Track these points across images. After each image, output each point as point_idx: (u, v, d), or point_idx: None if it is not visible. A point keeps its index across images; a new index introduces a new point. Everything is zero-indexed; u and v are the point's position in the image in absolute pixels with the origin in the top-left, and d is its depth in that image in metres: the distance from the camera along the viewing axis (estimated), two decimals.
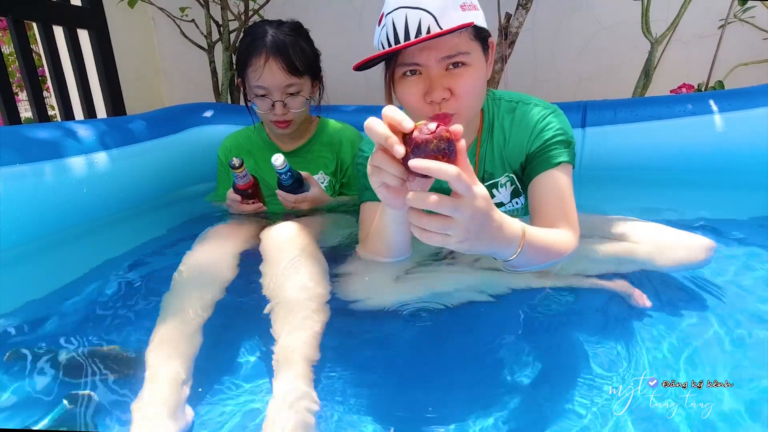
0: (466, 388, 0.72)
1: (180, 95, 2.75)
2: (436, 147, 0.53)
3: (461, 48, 0.78)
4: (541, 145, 0.91)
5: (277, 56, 1.09)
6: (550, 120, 0.92)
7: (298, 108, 1.15)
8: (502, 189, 0.99)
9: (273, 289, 0.76)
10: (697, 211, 1.32)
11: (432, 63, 0.78)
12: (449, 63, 0.78)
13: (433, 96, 0.78)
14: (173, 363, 0.68)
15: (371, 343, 0.83)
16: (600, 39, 2.34)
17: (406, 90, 0.81)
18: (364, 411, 0.66)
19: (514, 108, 0.95)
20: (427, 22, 0.75)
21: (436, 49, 0.77)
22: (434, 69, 0.78)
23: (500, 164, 0.97)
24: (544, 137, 0.91)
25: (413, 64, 0.79)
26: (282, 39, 1.11)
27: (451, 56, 0.77)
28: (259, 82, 1.11)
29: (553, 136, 0.90)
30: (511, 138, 0.95)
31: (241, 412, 0.67)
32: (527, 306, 0.89)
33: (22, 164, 1.11)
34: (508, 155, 0.96)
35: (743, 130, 1.45)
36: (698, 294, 0.89)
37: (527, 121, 0.93)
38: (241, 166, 1.06)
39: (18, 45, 1.65)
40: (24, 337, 0.85)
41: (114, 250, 1.21)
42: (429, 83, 0.79)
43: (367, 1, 2.46)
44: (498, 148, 0.96)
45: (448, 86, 0.78)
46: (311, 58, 1.17)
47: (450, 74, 0.79)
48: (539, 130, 0.92)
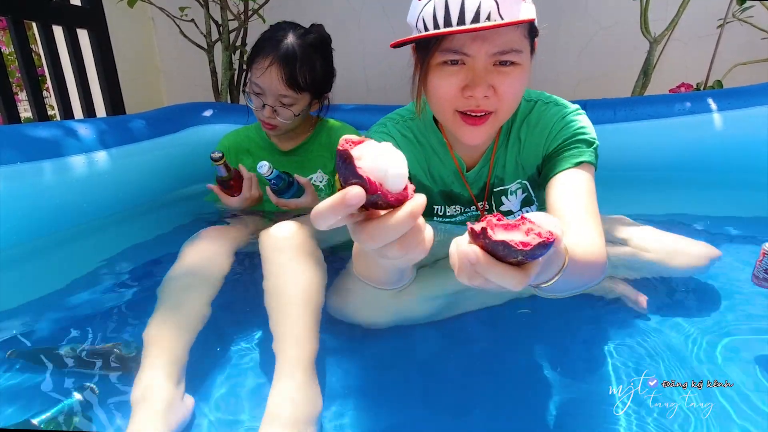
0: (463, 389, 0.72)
1: (179, 95, 2.74)
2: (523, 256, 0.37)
3: (515, 44, 0.70)
4: (560, 144, 0.82)
5: (281, 65, 1.08)
6: (570, 119, 0.83)
7: (285, 119, 1.14)
8: (511, 197, 0.92)
9: (271, 287, 0.76)
10: (695, 210, 1.32)
11: (482, 55, 0.69)
12: (498, 59, 0.70)
13: (475, 92, 0.70)
14: (169, 358, 0.68)
15: (371, 344, 0.82)
16: (599, 39, 2.34)
17: (443, 80, 0.72)
18: (363, 408, 0.66)
19: (532, 108, 0.87)
20: (488, 8, 0.65)
21: (490, 41, 0.68)
22: (482, 62, 0.70)
23: (513, 170, 0.89)
24: (563, 135, 0.82)
25: (461, 53, 0.70)
26: (295, 50, 1.09)
27: (504, 52, 0.69)
28: (257, 81, 1.11)
29: (573, 135, 0.81)
30: (527, 140, 0.87)
31: (240, 408, 0.67)
32: (526, 308, 0.89)
33: (21, 163, 1.11)
34: (523, 159, 0.88)
35: (742, 129, 1.45)
36: (698, 294, 0.90)
37: (545, 121, 0.85)
38: (221, 159, 1.09)
39: (17, 45, 1.65)
40: (24, 335, 0.85)
41: (113, 250, 1.21)
42: (472, 76, 0.70)
43: (366, 2, 2.46)
44: (513, 152, 0.88)
45: (492, 83, 0.70)
46: (319, 77, 1.15)
47: (497, 71, 0.71)
48: (558, 129, 0.83)
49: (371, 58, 2.53)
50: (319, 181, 1.27)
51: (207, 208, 1.41)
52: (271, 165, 1.04)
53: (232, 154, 1.29)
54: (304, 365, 0.66)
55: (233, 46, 2.14)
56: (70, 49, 1.91)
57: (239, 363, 0.77)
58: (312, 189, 1.17)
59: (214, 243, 0.89)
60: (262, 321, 0.75)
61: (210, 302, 0.79)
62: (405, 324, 0.81)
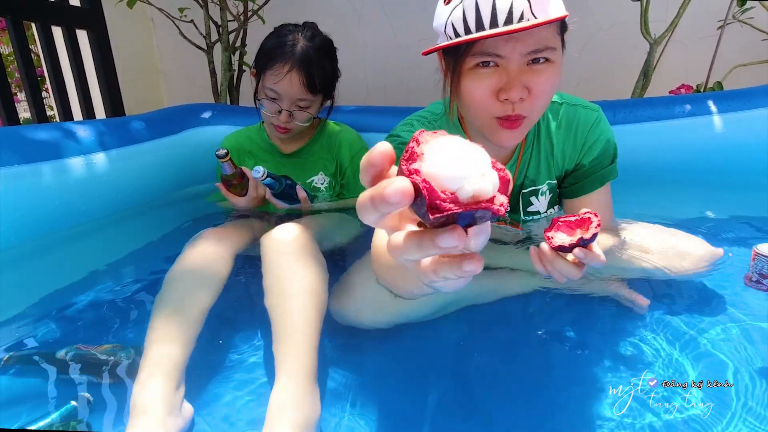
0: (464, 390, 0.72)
1: (179, 96, 2.74)
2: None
3: (549, 42, 0.68)
4: (594, 159, 0.86)
5: (301, 70, 1.10)
6: (601, 130, 0.86)
7: (302, 121, 1.16)
8: (541, 197, 0.92)
9: (272, 289, 0.76)
10: (696, 211, 1.32)
11: (516, 56, 0.68)
12: (533, 58, 0.68)
13: (511, 94, 0.68)
14: (169, 362, 0.67)
15: (371, 348, 0.82)
16: (599, 40, 2.34)
17: (477, 83, 0.70)
18: (364, 412, 0.66)
19: (558, 110, 0.88)
20: (521, 8, 0.64)
21: (524, 41, 0.67)
22: (516, 63, 0.68)
23: (546, 171, 0.90)
24: (596, 150, 0.86)
25: (494, 55, 0.68)
26: (311, 54, 1.11)
27: (539, 50, 0.68)
28: (274, 87, 1.11)
29: (604, 150, 0.86)
30: (559, 143, 0.87)
31: (241, 411, 0.67)
32: (527, 309, 0.89)
33: (21, 165, 1.11)
34: (555, 161, 0.89)
35: (742, 131, 1.45)
36: (698, 294, 0.90)
37: (577, 127, 0.86)
38: (226, 156, 1.08)
39: (17, 45, 1.65)
40: (21, 338, 0.84)
41: (113, 251, 1.21)
42: (507, 78, 0.68)
43: (366, 2, 2.46)
44: (545, 153, 0.88)
45: (527, 84, 0.69)
46: (330, 79, 1.18)
47: (531, 70, 0.69)
48: (592, 141, 0.86)
49: (371, 58, 2.53)
50: (320, 183, 1.27)
51: (207, 209, 1.41)
52: (265, 170, 1.05)
53: (233, 155, 1.29)
54: (304, 370, 0.66)
55: (233, 47, 2.14)
56: (69, 50, 1.91)
57: (240, 367, 0.77)
58: (305, 198, 1.18)
59: (215, 245, 0.89)
60: (263, 324, 0.75)
61: (211, 305, 0.79)
62: (407, 322, 0.81)
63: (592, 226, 0.59)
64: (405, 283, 0.55)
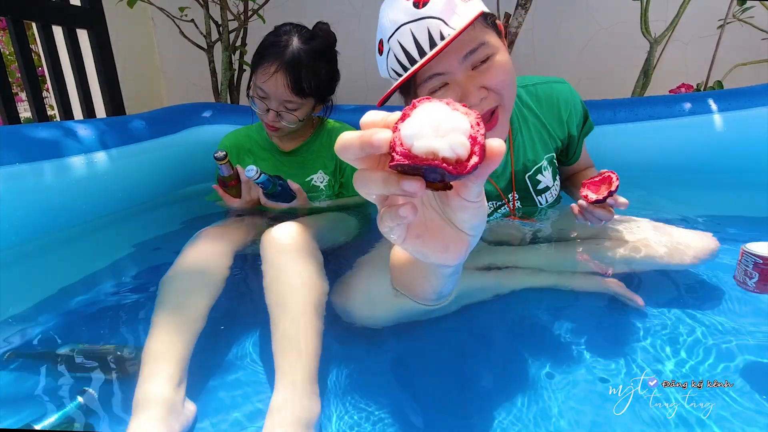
0: (464, 390, 0.72)
1: (179, 95, 2.74)
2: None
3: (480, 39, 0.73)
4: (577, 125, 0.98)
5: (287, 72, 1.08)
6: (574, 96, 0.98)
7: (290, 123, 1.15)
8: (546, 172, 0.98)
9: (272, 287, 0.76)
10: (695, 210, 1.32)
11: (455, 66, 0.73)
12: (472, 61, 0.73)
13: (470, 101, 0.73)
14: (171, 361, 0.67)
15: (371, 347, 0.82)
16: (599, 39, 2.34)
17: None
18: (365, 411, 0.66)
19: (534, 91, 0.96)
20: (437, 28, 0.70)
21: (456, 50, 0.72)
22: (460, 73, 0.73)
23: (542, 146, 0.96)
24: (578, 117, 0.98)
25: (436, 75, 0.74)
26: (300, 57, 1.09)
27: (474, 50, 0.72)
28: (262, 86, 1.11)
29: (583, 113, 0.99)
30: (547, 118, 0.96)
31: (242, 409, 0.67)
32: (525, 308, 0.89)
33: (21, 164, 1.11)
34: (550, 134, 0.97)
35: (742, 130, 1.45)
36: (698, 294, 0.90)
37: (558, 100, 0.96)
38: (224, 159, 1.08)
39: (17, 45, 1.65)
40: (22, 336, 0.85)
41: (113, 250, 1.21)
42: (460, 90, 0.74)
43: (366, 2, 2.46)
44: (536, 131, 0.96)
45: (481, 85, 0.73)
46: (323, 83, 1.15)
47: (478, 73, 0.74)
48: (572, 109, 0.97)
49: (371, 57, 2.53)
50: (319, 181, 1.27)
51: (207, 208, 1.41)
52: (258, 169, 1.04)
53: (233, 153, 1.29)
54: (304, 369, 0.66)
55: (233, 47, 2.14)
56: (69, 50, 1.91)
57: (241, 365, 0.77)
58: (303, 194, 1.18)
59: (215, 244, 0.89)
60: (264, 323, 0.75)
61: (211, 304, 0.79)
62: (408, 320, 0.81)
63: (614, 182, 0.81)
64: (421, 288, 0.61)
